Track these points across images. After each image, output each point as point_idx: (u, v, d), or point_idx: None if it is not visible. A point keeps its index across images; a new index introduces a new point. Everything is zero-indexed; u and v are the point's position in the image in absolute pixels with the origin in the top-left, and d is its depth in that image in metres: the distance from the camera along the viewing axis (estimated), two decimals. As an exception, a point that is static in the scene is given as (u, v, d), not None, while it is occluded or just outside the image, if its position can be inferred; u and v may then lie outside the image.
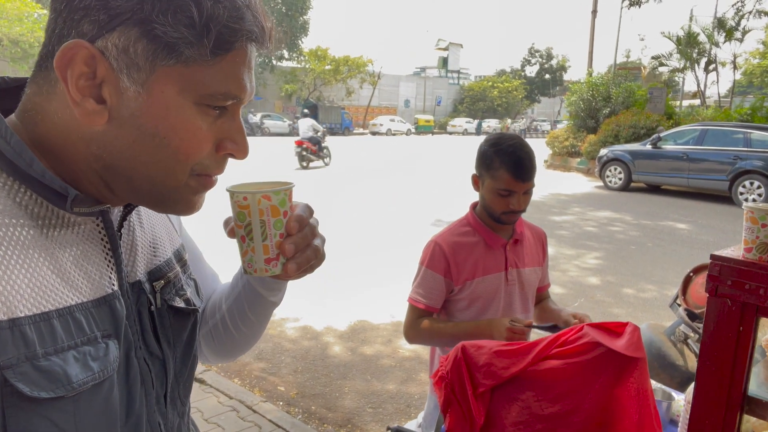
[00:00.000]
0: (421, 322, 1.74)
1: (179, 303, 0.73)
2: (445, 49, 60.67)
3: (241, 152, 0.64)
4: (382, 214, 9.09)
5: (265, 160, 15.93)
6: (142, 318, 0.68)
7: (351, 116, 37.81)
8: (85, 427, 0.56)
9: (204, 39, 0.56)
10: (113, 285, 0.63)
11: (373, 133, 35.97)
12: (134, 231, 0.71)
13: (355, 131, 37.33)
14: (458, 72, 61.77)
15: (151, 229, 0.75)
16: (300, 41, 38.11)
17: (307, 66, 37.87)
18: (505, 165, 1.61)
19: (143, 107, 0.57)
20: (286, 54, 37.84)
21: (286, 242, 0.67)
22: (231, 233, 0.70)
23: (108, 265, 0.63)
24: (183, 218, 0.90)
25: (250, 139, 0.67)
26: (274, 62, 37.53)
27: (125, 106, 0.57)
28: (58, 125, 0.59)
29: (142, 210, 0.75)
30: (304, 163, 15.19)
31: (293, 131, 31.72)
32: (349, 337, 4.29)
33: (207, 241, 1.78)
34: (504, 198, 1.64)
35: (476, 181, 1.75)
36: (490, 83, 52.35)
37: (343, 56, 37.73)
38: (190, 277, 0.80)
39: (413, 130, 40.14)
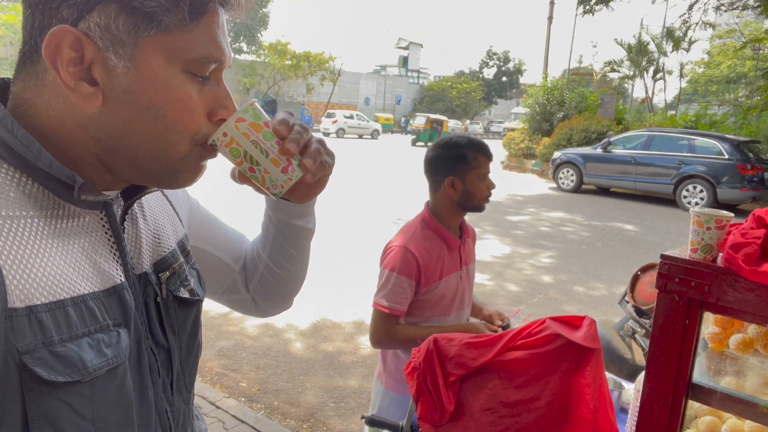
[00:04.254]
0: (397, 328, 1.77)
1: (184, 293, 0.75)
2: (406, 48, 60.92)
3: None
4: (345, 212, 9.12)
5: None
6: (149, 308, 0.69)
7: (311, 113, 37.48)
8: (101, 412, 0.58)
9: (180, 4, 0.58)
10: (120, 276, 0.64)
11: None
12: (137, 223, 0.72)
13: (314, 128, 37.02)
14: (418, 71, 62.18)
15: (154, 220, 0.76)
16: (259, 34, 37.52)
17: (266, 60, 37.32)
18: (480, 151, 1.82)
19: (134, 81, 0.58)
20: (244, 47, 37.16)
21: (285, 143, 0.68)
22: (240, 177, 0.71)
23: (114, 257, 0.65)
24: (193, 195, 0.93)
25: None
26: (232, 55, 36.85)
27: (117, 83, 0.58)
28: (53, 115, 0.59)
29: (145, 202, 0.76)
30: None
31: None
32: (311, 334, 4.32)
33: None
34: (484, 181, 1.82)
35: (452, 184, 1.80)
36: (449, 83, 52.95)
37: (304, 52, 37.36)
38: (192, 267, 0.81)
39: (380, 131, 37.29)
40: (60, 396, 0.54)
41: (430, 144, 1.96)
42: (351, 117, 32.44)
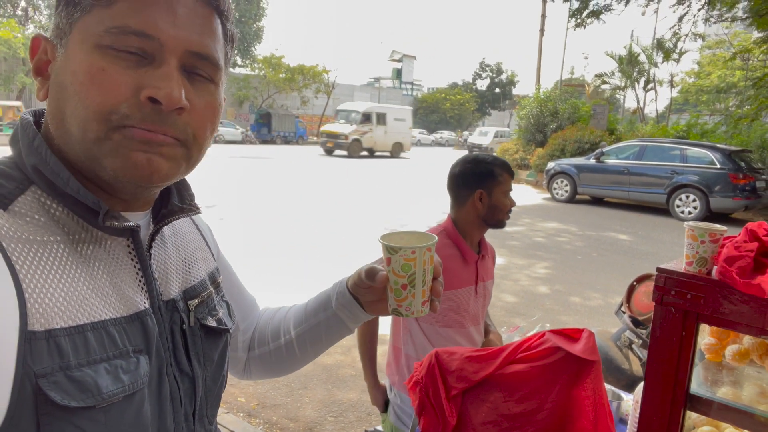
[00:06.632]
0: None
1: (211, 322, 0.75)
2: (399, 60, 61.37)
3: (163, 96, 0.59)
4: (341, 220, 9.13)
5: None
6: (174, 336, 0.69)
7: (305, 125, 37.56)
8: None
9: None
10: (145, 302, 0.64)
11: (328, 142, 35.87)
12: (167, 250, 0.73)
13: (309, 140, 37.10)
14: (412, 83, 62.61)
15: (185, 250, 0.77)
16: (254, 48, 37.69)
17: (261, 73, 37.48)
18: (505, 168, 1.94)
19: (60, 66, 0.61)
20: (239, 61, 37.30)
21: (435, 284, 0.79)
22: (382, 281, 0.77)
23: (138, 284, 0.65)
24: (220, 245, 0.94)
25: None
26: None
27: (54, 72, 0.62)
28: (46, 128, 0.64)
29: (178, 230, 0.77)
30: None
31: (246, 139, 31.22)
32: (309, 347, 4.31)
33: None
34: (507, 197, 1.93)
35: (480, 197, 1.89)
36: (443, 95, 53.32)
37: (298, 65, 37.53)
38: (222, 299, 0.81)
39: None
40: (74, 421, 0.54)
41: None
42: None
